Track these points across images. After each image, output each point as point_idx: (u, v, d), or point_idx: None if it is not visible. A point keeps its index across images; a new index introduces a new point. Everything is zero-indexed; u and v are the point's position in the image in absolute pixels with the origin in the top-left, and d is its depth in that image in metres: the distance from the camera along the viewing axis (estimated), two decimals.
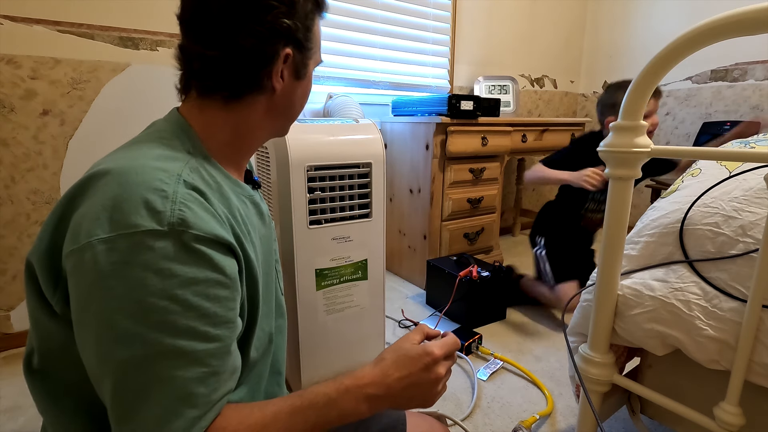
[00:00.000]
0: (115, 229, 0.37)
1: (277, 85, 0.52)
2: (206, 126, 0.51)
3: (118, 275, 0.37)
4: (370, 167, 1.13)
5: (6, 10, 1.30)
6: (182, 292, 0.38)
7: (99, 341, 0.38)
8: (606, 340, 0.75)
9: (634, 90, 0.61)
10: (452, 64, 2.40)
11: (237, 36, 0.47)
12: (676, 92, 2.67)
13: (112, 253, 0.37)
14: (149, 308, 0.37)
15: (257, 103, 0.52)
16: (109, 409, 0.39)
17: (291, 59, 0.51)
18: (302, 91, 0.57)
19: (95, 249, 0.37)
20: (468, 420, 1.12)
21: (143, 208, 0.38)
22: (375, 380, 0.48)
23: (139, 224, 0.38)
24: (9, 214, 1.39)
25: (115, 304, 0.37)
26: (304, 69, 0.54)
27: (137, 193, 0.39)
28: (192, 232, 0.40)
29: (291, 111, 0.57)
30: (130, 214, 0.38)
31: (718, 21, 0.52)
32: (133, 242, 0.37)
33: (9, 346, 1.45)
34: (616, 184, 0.66)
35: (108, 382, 0.38)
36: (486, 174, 2.02)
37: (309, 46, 0.53)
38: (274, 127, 0.57)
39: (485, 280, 1.60)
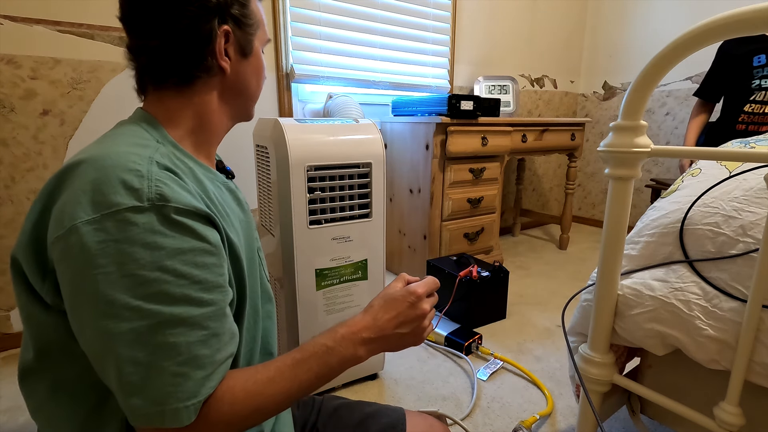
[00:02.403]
0: (97, 210, 0.38)
1: (224, 64, 0.52)
2: (169, 116, 0.52)
3: (107, 253, 0.38)
4: (370, 167, 1.13)
5: (6, 10, 1.30)
6: (171, 262, 0.40)
7: (97, 320, 0.38)
8: (606, 340, 0.75)
9: (634, 90, 0.61)
10: (452, 64, 2.40)
11: (170, 20, 0.48)
12: (676, 92, 2.67)
13: (98, 233, 0.38)
14: (142, 281, 0.38)
15: (209, 86, 0.53)
16: (116, 386, 0.39)
17: (232, 36, 0.52)
18: (253, 69, 0.57)
19: (80, 231, 0.38)
20: (468, 420, 1.12)
21: (122, 188, 0.39)
22: (367, 325, 0.52)
23: (119, 203, 0.39)
24: (9, 214, 1.39)
25: (108, 282, 0.38)
26: (249, 45, 0.55)
27: (114, 174, 0.40)
28: (172, 205, 0.41)
29: (247, 90, 0.57)
30: (109, 194, 0.39)
31: (718, 21, 0.52)
32: (116, 220, 0.38)
33: (9, 346, 1.45)
34: (616, 184, 0.66)
35: (111, 359, 0.39)
36: (486, 174, 2.02)
37: (248, 22, 0.54)
38: (235, 110, 0.58)
39: (485, 280, 1.60)
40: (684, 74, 2.61)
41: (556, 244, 2.71)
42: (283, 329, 1.18)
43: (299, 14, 1.82)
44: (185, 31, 0.49)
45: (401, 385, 1.27)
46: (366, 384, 1.27)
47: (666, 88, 2.71)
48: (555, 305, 1.83)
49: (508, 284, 1.69)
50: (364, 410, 0.69)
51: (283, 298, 1.13)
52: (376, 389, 1.25)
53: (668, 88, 2.70)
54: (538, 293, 1.96)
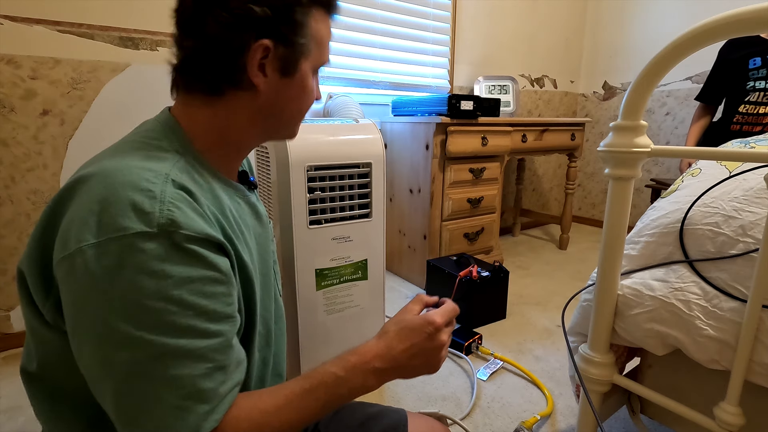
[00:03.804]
0: (104, 233, 0.37)
1: (257, 81, 0.47)
2: (193, 124, 0.49)
3: (112, 279, 0.36)
4: (370, 167, 1.13)
5: (6, 10, 1.30)
6: (178, 292, 0.38)
7: (98, 347, 0.37)
8: (606, 340, 0.75)
9: (634, 90, 0.61)
10: (452, 64, 2.39)
11: (204, 22, 0.45)
12: (676, 92, 2.67)
13: (104, 258, 0.36)
14: (146, 310, 0.37)
15: (239, 100, 0.49)
16: (113, 414, 0.38)
17: (272, 52, 0.47)
18: (295, 92, 0.51)
19: (86, 255, 0.36)
20: (468, 420, 1.12)
21: (131, 210, 0.37)
22: (380, 354, 0.49)
23: (127, 227, 0.37)
24: (9, 214, 1.39)
25: (112, 309, 0.36)
26: (293, 65, 0.49)
27: (124, 194, 0.38)
28: (182, 233, 0.39)
29: (282, 113, 0.52)
30: (117, 216, 0.37)
31: (718, 21, 0.52)
32: (123, 245, 0.36)
33: (9, 346, 1.45)
34: (616, 184, 0.66)
35: (110, 387, 0.38)
36: (486, 174, 2.02)
37: (297, 40, 0.48)
38: (265, 130, 0.53)
39: (485, 280, 1.60)
40: (684, 74, 2.61)
41: (556, 244, 2.71)
42: None
43: None
44: (215, 39, 0.45)
45: (401, 385, 1.27)
46: None
47: (666, 88, 2.71)
48: (555, 305, 1.83)
49: (508, 284, 1.69)
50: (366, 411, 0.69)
51: (283, 298, 1.13)
52: (376, 389, 1.25)
53: (668, 88, 2.70)
54: (538, 293, 1.96)
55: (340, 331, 1.17)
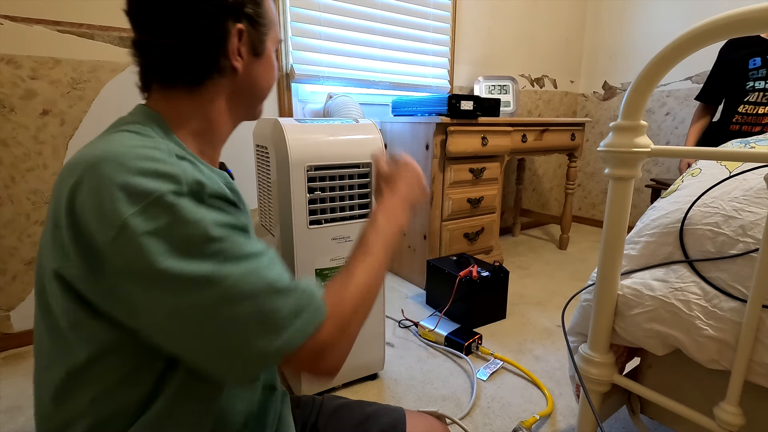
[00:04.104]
0: (139, 201, 0.38)
1: (237, 64, 0.51)
2: (176, 116, 0.51)
3: (163, 235, 0.38)
4: (370, 167, 1.12)
5: (6, 10, 1.30)
6: (219, 230, 0.41)
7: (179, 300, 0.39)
8: (606, 340, 0.75)
9: (634, 90, 0.61)
10: (452, 64, 2.39)
11: (186, 19, 0.47)
12: (676, 92, 2.67)
13: (149, 221, 0.38)
14: (208, 251, 0.40)
15: (220, 86, 0.52)
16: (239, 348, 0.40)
17: (245, 35, 0.51)
18: (264, 69, 0.56)
19: (131, 225, 0.38)
20: (468, 420, 1.12)
21: (155, 177, 0.40)
22: (392, 201, 0.63)
23: (158, 189, 0.39)
24: (9, 214, 1.39)
25: (178, 262, 0.38)
26: (261, 45, 0.54)
27: (143, 165, 0.40)
28: (207, 191, 0.42)
29: (258, 91, 0.57)
30: (146, 183, 0.39)
31: (718, 21, 0.52)
32: (162, 204, 0.39)
33: (9, 346, 1.45)
34: (616, 184, 0.66)
35: (226, 330, 0.39)
36: (486, 174, 2.02)
37: (262, 21, 0.53)
38: (243, 110, 0.58)
39: (485, 280, 1.60)
40: (684, 74, 2.61)
41: (556, 244, 2.72)
42: None
43: (299, 14, 1.82)
44: (200, 32, 0.48)
45: (401, 385, 1.27)
46: (366, 384, 1.27)
47: (666, 88, 2.71)
48: (555, 305, 1.83)
49: (508, 284, 1.69)
50: (364, 410, 0.69)
51: None
52: (376, 389, 1.25)
53: (668, 88, 2.70)
54: (538, 293, 1.96)
55: None
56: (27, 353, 1.43)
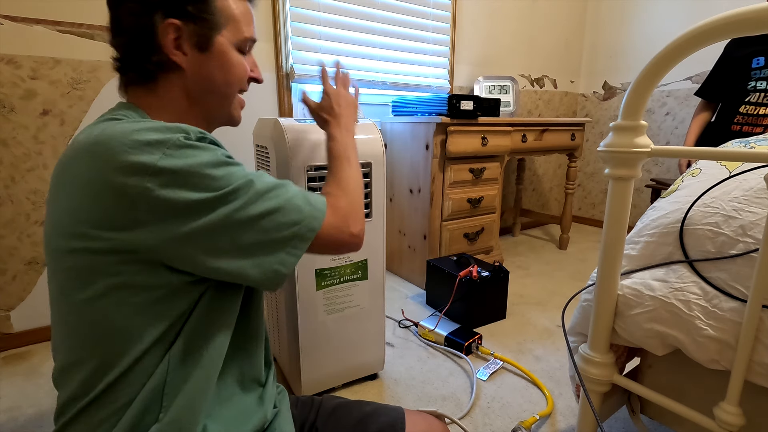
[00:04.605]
0: (164, 146, 0.44)
1: (176, 59, 0.53)
2: (149, 111, 0.54)
3: (196, 166, 0.44)
4: (370, 167, 1.12)
5: (6, 10, 1.30)
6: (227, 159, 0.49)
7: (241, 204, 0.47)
8: (606, 340, 0.75)
9: (634, 90, 0.61)
10: (452, 64, 2.39)
11: (118, 17, 0.52)
12: (676, 92, 2.67)
13: (178, 159, 0.44)
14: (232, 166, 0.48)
15: (171, 82, 0.54)
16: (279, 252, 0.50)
17: (184, 31, 0.52)
18: (217, 65, 0.55)
19: (164, 164, 0.43)
20: (468, 420, 1.12)
21: (167, 130, 0.45)
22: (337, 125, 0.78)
23: (172, 136, 0.45)
24: (9, 214, 1.39)
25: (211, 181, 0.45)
26: (207, 41, 0.54)
27: (151, 125, 0.45)
28: (209, 138, 0.49)
29: (213, 87, 0.56)
30: (163, 134, 0.44)
31: (718, 21, 0.52)
32: (183, 144, 0.45)
33: (9, 346, 1.45)
34: (616, 184, 0.66)
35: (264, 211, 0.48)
36: (486, 174, 2.02)
37: (205, 17, 0.53)
38: (207, 110, 0.58)
39: (485, 280, 1.60)
40: (684, 74, 2.61)
41: (556, 244, 2.71)
42: (283, 329, 1.18)
43: (299, 14, 1.82)
44: (131, 28, 0.51)
45: (401, 384, 1.27)
46: (366, 384, 1.27)
47: (666, 88, 2.71)
48: (555, 305, 1.83)
49: (508, 284, 1.69)
50: (363, 409, 0.69)
51: (283, 298, 1.13)
52: (376, 389, 1.25)
53: (668, 88, 2.70)
54: (538, 293, 1.96)
55: (340, 331, 1.17)
56: (27, 353, 1.43)
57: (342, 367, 1.21)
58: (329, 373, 1.19)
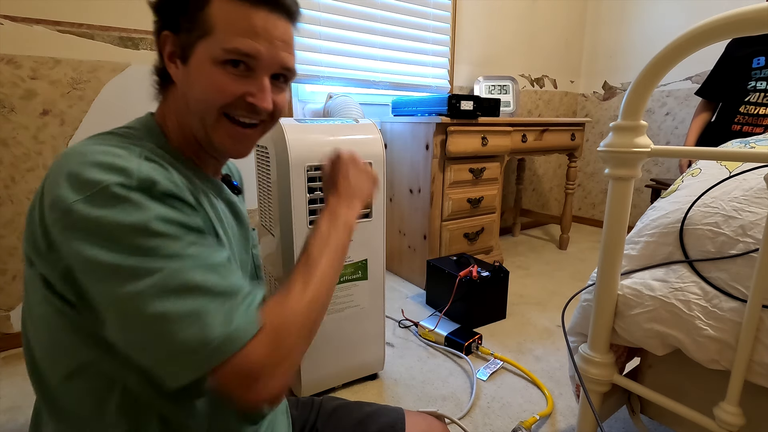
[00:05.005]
0: (88, 189, 0.39)
1: (171, 71, 0.50)
2: (165, 123, 0.53)
3: (104, 223, 0.39)
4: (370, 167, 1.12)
5: (6, 10, 1.30)
6: (162, 225, 0.41)
7: (112, 286, 0.39)
8: (606, 340, 0.75)
9: (634, 90, 0.61)
10: (452, 64, 2.39)
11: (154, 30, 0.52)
12: (676, 92, 2.67)
13: (92, 208, 0.39)
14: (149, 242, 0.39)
15: (173, 97, 0.52)
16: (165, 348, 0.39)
17: (171, 41, 0.49)
18: (193, 79, 0.48)
19: (74, 209, 0.39)
20: (468, 420, 1.12)
21: (107, 169, 0.40)
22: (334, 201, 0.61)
23: (106, 180, 0.40)
24: (9, 214, 1.39)
25: (114, 246, 0.39)
26: (187, 50, 0.48)
27: (101, 158, 0.41)
28: (159, 188, 0.42)
29: (189, 106, 0.50)
30: (96, 174, 0.40)
31: (718, 21, 0.52)
32: (109, 194, 0.39)
33: (9, 346, 1.45)
34: (616, 184, 0.66)
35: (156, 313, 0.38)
36: (486, 174, 2.02)
37: (189, 26, 0.47)
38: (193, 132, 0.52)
39: (485, 280, 1.60)
40: (684, 74, 2.61)
41: (556, 244, 2.71)
42: None
43: None
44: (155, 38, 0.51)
45: (401, 385, 1.27)
46: (366, 384, 1.27)
47: (666, 88, 2.71)
48: (555, 305, 1.83)
49: (508, 284, 1.69)
50: (363, 410, 0.69)
51: None
52: (376, 389, 1.25)
53: (668, 88, 2.70)
54: (538, 293, 1.96)
55: (340, 331, 1.17)
56: None
57: (342, 367, 1.21)
58: (329, 373, 1.19)
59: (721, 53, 1.91)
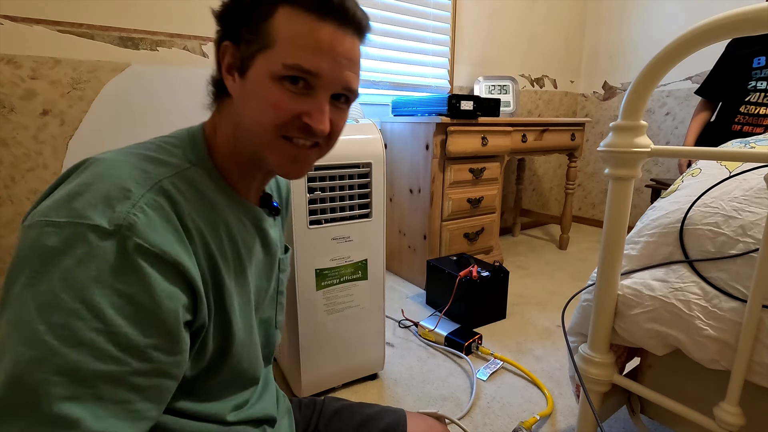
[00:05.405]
0: (67, 216, 0.36)
1: (228, 83, 0.48)
2: (213, 135, 0.50)
3: (47, 261, 0.35)
4: (370, 167, 1.12)
5: (6, 10, 1.30)
6: (99, 300, 0.36)
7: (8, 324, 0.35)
8: (606, 340, 0.75)
9: (634, 90, 0.61)
10: (452, 64, 2.39)
11: None
12: (676, 92, 2.67)
13: (52, 238, 0.36)
14: (59, 307, 0.34)
15: (227, 111, 0.50)
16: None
17: (231, 52, 0.47)
18: (249, 95, 0.46)
19: (41, 229, 0.36)
20: (468, 420, 1.12)
21: (101, 203, 0.37)
22: None
23: (89, 216, 0.36)
24: (9, 214, 1.39)
25: (34, 289, 0.35)
26: (246, 62, 0.45)
27: (104, 186, 0.38)
28: (136, 240, 0.37)
29: (243, 123, 0.47)
30: (87, 204, 0.37)
31: (718, 21, 0.52)
32: (76, 233, 0.36)
33: None
34: (616, 184, 0.66)
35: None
36: (486, 174, 2.02)
37: (250, 39, 0.45)
38: (245, 149, 0.49)
39: (485, 280, 1.60)
40: (684, 74, 2.61)
41: (556, 244, 2.71)
42: (283, 329, 1.18)
43: None
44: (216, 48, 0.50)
45: (401, 384, 1.27)
46: (366, 384, 1.27)
47: (666, 88, 2.71)
48: (555, 305, 1.83)
49: (508, 284, 1.69)
50: (365, 412, 0.69)
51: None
52: (376, 389, 1.25)
53: (668, 88, 2.70)
54: (538, 293, 1.96)
55: (340, 331, 1.17)
56: None
57: (342, 367, 1.21)
58: (329, 373, 1.19)
59: (721, 53, 1.91)
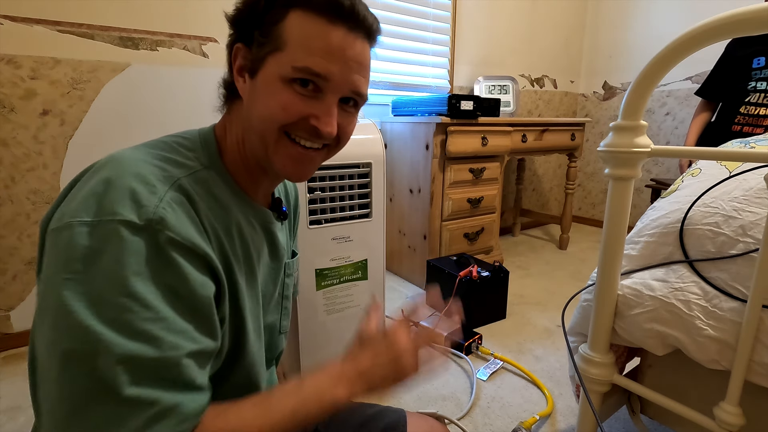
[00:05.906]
0: (97, 215, 0.37)
1: (239, 85, 0.48)
2: (223, 138, 0.51)
3: (87, 261, 0.36)
4: (370, 167, 1.12)
5: (6, 10, 1.30)
6: (145, 286, 0.37)
7: (53, 327, 0.35)
8: (606, 340, 0.75)
9: (634, 90, 0.61)
10: (452, 64, 2.39)
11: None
12: (676, 92, 2.67)
13: (88, 237, 0.36)
14: (108, 302, 0.36)
15: (237, 112, 0.50)
16: (48, 409, 0.36)
17: (242, 53, 0.47)
18: (258, 95, 0.46)
19: (74, 230, 0.37)
20: (468, 420, 1.12)
21: (128, 198, 0.38)
22: (343, 367, 0.48)
23: (119, 212, 0.37)
24: (9, 214, 1.39)
25: (77, 290, 0.35)
26: (258, 63, 0.46)
27: (128, 182, 0.39)
28: (168, 233, 0.38)
29: (251, 123, 0.47)
30: (114, 201, 0.38)
31: (718, 21, 0.52)
32: (109, 230, 0.37)
33: (9, 346, 1.45)
34: (616, 184, 0.66)
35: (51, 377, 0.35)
36: (486, 174, 2.02)
37: (261, 41, 0.45)
38: (251, 151, 0.49)
39: (485, 280, 1.60)
40: (684, 74, 2.61)
41: (556, 244, 2.71)
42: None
43: None
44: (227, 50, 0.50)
45: None
46: None
47: (666, 88, 2.71)
48: (555, 305, 1.83)
49: (508, 284, 1.69)
50: (365, 412, 0.69)
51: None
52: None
53: (668, 88, 2.70)
54: (538, 293, 1.96)
55: (340, 331, 1.17)
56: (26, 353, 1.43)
57: None
58: None
59: (721, 53, 1.90)
